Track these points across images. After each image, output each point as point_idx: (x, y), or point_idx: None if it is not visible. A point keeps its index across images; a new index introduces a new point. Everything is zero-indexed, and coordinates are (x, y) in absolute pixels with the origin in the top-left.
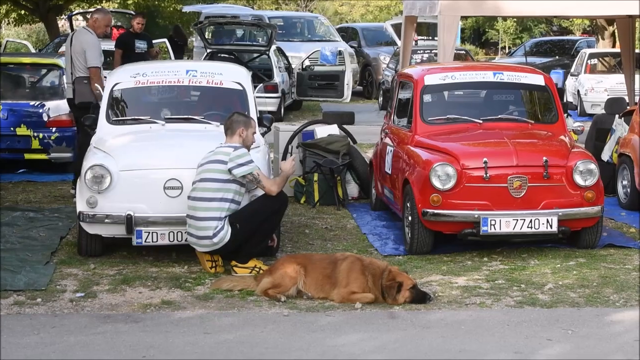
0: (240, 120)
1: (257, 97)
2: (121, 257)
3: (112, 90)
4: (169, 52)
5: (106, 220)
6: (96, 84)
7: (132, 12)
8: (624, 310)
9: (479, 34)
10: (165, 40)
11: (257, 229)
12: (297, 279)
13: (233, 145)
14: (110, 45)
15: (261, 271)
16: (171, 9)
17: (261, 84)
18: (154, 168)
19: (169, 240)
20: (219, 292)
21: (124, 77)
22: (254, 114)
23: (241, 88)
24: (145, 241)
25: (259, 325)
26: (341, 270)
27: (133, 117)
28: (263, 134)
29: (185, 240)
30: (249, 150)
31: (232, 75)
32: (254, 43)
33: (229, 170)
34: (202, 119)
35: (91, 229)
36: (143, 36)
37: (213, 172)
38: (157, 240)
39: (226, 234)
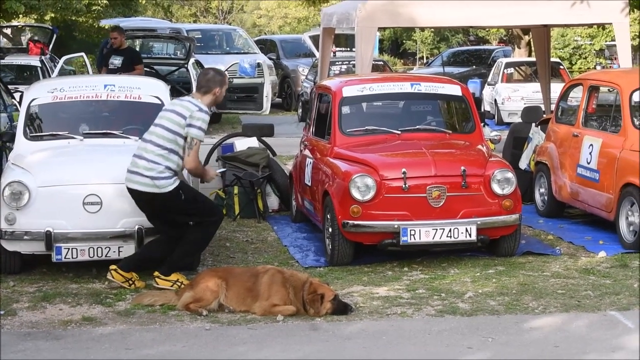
0: (217, 80)
1: None
2: (41, 273)
3: (29, 106)
4: (86, 66)
5: (25, 237)
6: None
7: (49, 27)
8: (543, 316)
9: (397, 45)
10: (83, 54)
11: (190, 232)
12: (219, 292)
13: (199, 106)
14: (28, 60)
15: (182, 285)
16: (89, 23)
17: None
18: (72, 184)
19: (89, 256)
20: (140, 307)
21: (41, 93)
22: None
23: (159, 102)
24: (65, 257)
25: (180, 340)
26: (262, 283)
27: (51, 133)
28: None
29: (106, 256)
30: (213, 107)
31: (150, 90)
32: (172, 56)
33: (186, 126)
34: (120, 134)
35: (10, 246)
36: (122, 52)
37: (171, 123)
38: (77, 257)
39: (169, 185)
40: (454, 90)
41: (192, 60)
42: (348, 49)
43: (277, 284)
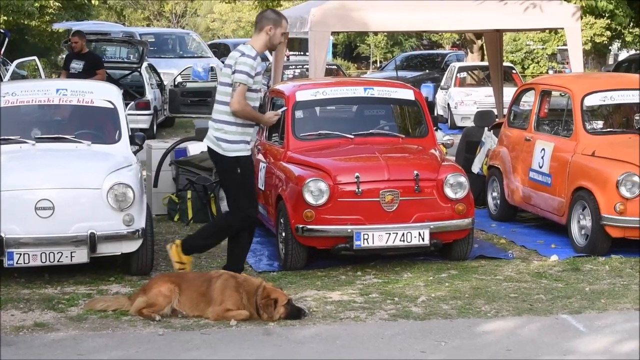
0: (271, 18)
1: (129, 114)
2: None
3: None
4: (38, 70)
5: None
6: None
7: (1, 30)
8: (496, 320)
9: (350, 49)
10: (35, 58)
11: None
12: (172, 297)
13: (242, 51)
14: None
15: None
16: (41, 27)
17: (133, 102)
18: (24, 189)
19: (41, 262)
20: (92, 312)
21: None
22: (125, 132)
23: (112, 106)
24: (17, 263)
25: (133, 346)
26: (215, 288)
27: (2, 137)
28: (135, 152)
29: (59, 261)
30: (273, 50)
31: (102, 94)
32: (125, 60)
33: (232, 74)
34: (73, 138)
35: None
36: (83, 56)
37: (224, 76)
38: (29, 262)
39: (232, 151)
40: (407, 94)
41: (145, 64)
42: (302, 53)
43: (230, 288)
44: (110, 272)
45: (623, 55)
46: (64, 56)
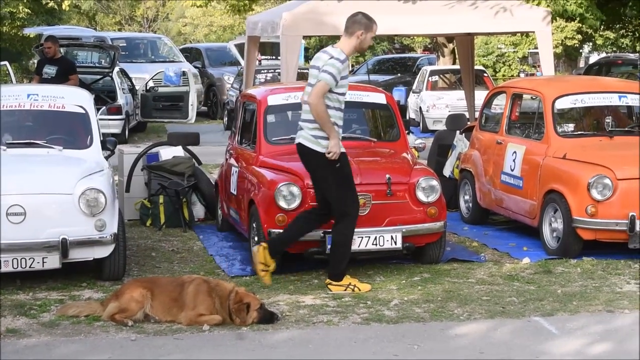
0: (362, 23)
1: (101, 119)
2: None
3: None
4: (9, 75)
5: None
6: None
7: None
8: (468, 323)
9: None
10: (6, 63)
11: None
12: (144, 302)
13: (331, 54)
14: None
15: (356, 289)
16: (12, 32)
17: (104, 107)
18: None
19: (13, 268)
20: (64, 318)
21: None
22: (97, 137)
23: (83, 111)
24: None
25: (106, 351)
26: (188, 293)
27: None
28: (107, 157)
29: (30, 267)
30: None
31: (74, 99)
32: (97, 65)
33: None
34: (44, 144)
35: None
36: (56, 61)
37: (312, 78)
38: (0, 268)
39: (326, 146)
40: (379, 98)
41: (116, 68)
42: (273, 57)
43: (203, 293)
44: (82, 278)
45: (594, 58)
46: (36, 61)
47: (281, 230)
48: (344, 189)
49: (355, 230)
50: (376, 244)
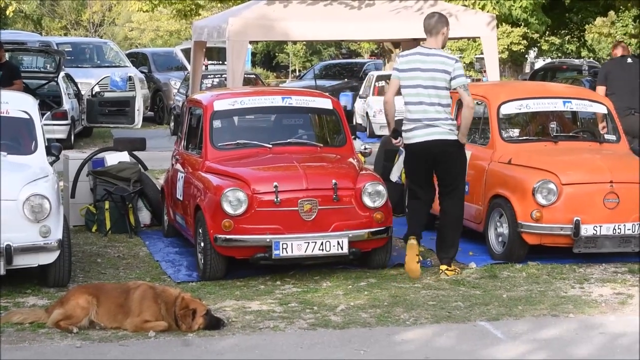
0: (443, 20)
1: (46, 124)
2: None
3: None
4: None
5: None
6: None
7: None
8: (414, 328)
9: (269, 58)
10: None
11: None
12: (89, 309)
13: (453, 58)
14: None
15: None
16: None
17: (50, 112)
18: None
19: None
20: (9, 325)
21: None
22: (41, 143)
23: (28, 116)
24: None
25: (51, 358)
26: (134, 299)
27: None
28: (52, 163)
29: None
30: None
31: (18, 104)
32: (42, 70)
33: (450, 80)
34: None
35: None
36: (0, 66)
37: (440, 81)
38: None
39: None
40: (325, 103)
41: (62, 73)
42: (220, 62)
43: (148, 299)
44: (27, 284)
45: (539, 63)
46: None
47: (227, 236)
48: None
49: (302, 235)
50: (322, 250)
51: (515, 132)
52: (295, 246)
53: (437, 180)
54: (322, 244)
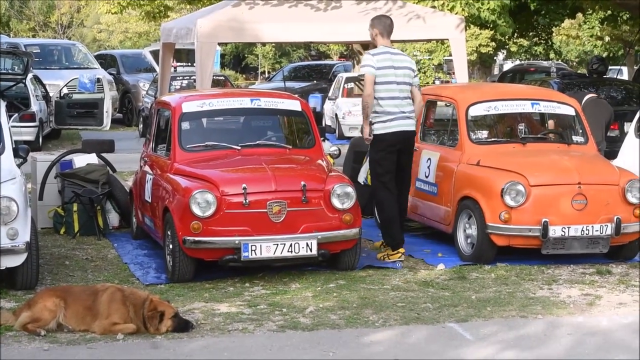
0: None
1: (13, 126)
2: None
3: None
4: None
5: None
6: None
7: None
8: (383, 329)
9: (239, 60)
10: None
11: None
12: (57, 312)
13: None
14: None
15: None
16: None
17: (17, 114)
18: None
19: None
20: None
21: None
22: (9, 145)
23: None
24: None
25: None
26: (102, 302)
27: None
28: (19, 165)
29: None
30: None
31: None
32: (10, 71)
33: (413, 77)
34: None
35: None
36: None
37: (409, 77)
38: None
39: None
40: (294, 105)
41: (30, 75)
42: (189, 64)
43: (116, 302)
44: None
45: (508, 65)
46: None
47: (196, 238)
48: None
49: (271, 237)
50: (291, 251)
51: (483, 134)
52: (264, 248)
53: (398, 171)
54: (291, 245)
